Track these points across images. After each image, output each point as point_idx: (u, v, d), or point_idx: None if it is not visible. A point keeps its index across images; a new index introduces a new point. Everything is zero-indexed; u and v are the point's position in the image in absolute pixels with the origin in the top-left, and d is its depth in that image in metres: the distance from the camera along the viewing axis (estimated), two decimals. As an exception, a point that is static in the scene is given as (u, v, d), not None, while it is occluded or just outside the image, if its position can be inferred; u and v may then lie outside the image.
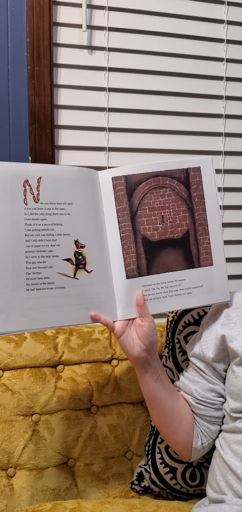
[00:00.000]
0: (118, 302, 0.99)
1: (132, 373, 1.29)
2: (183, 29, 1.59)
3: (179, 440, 1.06)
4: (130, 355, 0.99)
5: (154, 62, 1.57)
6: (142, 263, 1.01)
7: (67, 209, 0.96)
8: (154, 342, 1.00)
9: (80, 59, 1.51)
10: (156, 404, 1.04)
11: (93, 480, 1.26)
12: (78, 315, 0.96)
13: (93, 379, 1.27)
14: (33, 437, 1.22)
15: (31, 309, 0.92)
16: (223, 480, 0.98)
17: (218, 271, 1.05)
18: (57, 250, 0.94)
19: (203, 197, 1.05)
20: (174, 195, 1.04)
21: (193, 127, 1.64)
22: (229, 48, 1.64)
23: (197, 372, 1.07)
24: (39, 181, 0.94)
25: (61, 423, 1.24)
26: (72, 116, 1.52)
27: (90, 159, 1.55)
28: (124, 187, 1.01)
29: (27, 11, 1.42)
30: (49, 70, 1.45)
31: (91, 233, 0.98)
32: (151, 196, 1.02)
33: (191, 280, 1.04)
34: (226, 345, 1.02)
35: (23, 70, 1.45)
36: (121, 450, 1.29)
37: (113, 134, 1.56)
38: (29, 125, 1.46)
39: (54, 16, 1.46)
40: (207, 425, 1.05)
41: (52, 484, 1.22)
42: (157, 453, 1.23)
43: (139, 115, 1.58)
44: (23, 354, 1.24)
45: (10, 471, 1.21)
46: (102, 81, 1.54)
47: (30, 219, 0.93)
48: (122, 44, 1.54)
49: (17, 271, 0.91)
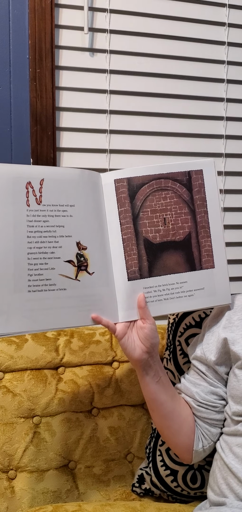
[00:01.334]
0: (119, 304, 0.99)
1: (133, 376, 1.29)
2: (184, 32, 1.59)
3: (180, 442, 1.06)
4: (131, 357, 0.99)
5: (155, 64, 1.58)
6: (143, 265, 1.01)
7: (70, 211, 0.96)
8: (155, 344, 1.00)
9: (82, 61, 1.51)
10: (157, 406, 1.04)
11: (94, 482, 1.26)
12: (79, 317, 0.96)
13: (94, 381, 1.27)
14: (34, 439, 1.22)
15: (33, 311, 0.92)
16: (224, 483, 0.97)
17: (219, 274, 1.05)
18: (59, 252, 0.95)
19: (205, 200, 1.05)
20: (176, 197, 1.04)
21: (194, 129, 1.64)
22: (230, 51, 1.64)
23: (199, 375, 1.07)
24: (41, 183, 0.94)
25: (62, 425, 1.24)
26: (73, 118, 1.52)
27: (92, 161, 1.55)
28: (126, 189, 1.01)
29: (29, 14, 1.42)
30: (51, 73, 1.45)
31: (93, 235, 0.98)
32: (153, 198, 1.02)
33: (193, 283, 1.04)
34: (228, 348, 1.02)
35: (25, 72, 1.45)
36: (121, 452, 1.28)
37: (115, 136, 1.56)
38: (31, 127, 1.46)
39: (56, 18, 1.47)
40: (208, 428, 1.05)
41: (53, 487, 1.22)
42: (157, 456, 1.23)
43: (140, 117, 1.58)
44: (24, 356, 1.24)
45: (11, 474, 1.21)
46: (104, 83, 1.54)
47: (32, 221, 0.93)
48: (124, 47, 1.54)
49: (19, 272, 0.91)
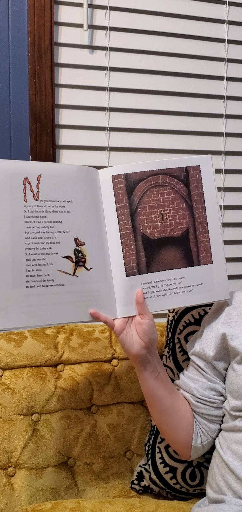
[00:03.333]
0: (118, 299, 0.99)
1: (132, 373, 1.29)
2: (184, 29, 1.59)
3: (178, 438, 1.06)
4: (130, 353, 0.99)
5: (155, 62, 1.58)
6: (141, 261, 1.01)
7: (67, 206, 0.96)
8: (154, 340, 1.00)
9: (81, 58, 1.51)
10: (155, 402, 1.04)
11: (93, 479, 1.25)
12: (77, 313, 0.96)
13: (94, 379, 1.27)
14: (33, 436, 1.22)
15: (31, 306, 0.92)
16: (222, 480, 0.97)
17: (217, 269, 1.05)
18: (57, 247, 0.95)
19: (203, 195, 1.05)
20: (174, 193, 1.04)
21: (194, 127, 1.64)
22: (230, 48, 1.64)
23: (197, 371, 1.07)
24: (39, 179, 0.94)
25: (61, 422, 1.24)
26: (73, 115, 1.53)
27: (91, 158, 1.55)
28: (124, 185, 1.01)
29: (29, 11, 1.42)
30: (50, 70, 1.45)
31: (91, 230, 0.98)
32: (151, 194, 1.02)
33: (191, 278, 1.03)
34: (227, 343, 1.02)
35: (24, 69, 1.45)
36: (120, 449, 1.28)
37: (114, 134, 1.57)
38: (30, 125, 1.46)
39: (56, 15, 1.47)
40: (207, 424, 1.05)
41: (52, 484, 1.22)
42: (157, 453, 1.23)
43: (140, 115, 1.58)
44: (24, 353, 1.23)
45: (10, 471, 1.21)
46: (103, 80, 1.54)
47: (30, 217, 0.93)
48: (123, 44, 1.54)
49: (17, 268, 0.91)
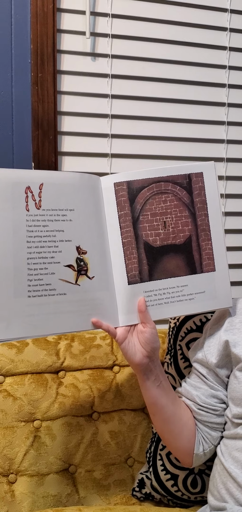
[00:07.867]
0: (120, 308, 0.99)
1: (134, 380, 1.28)
2: (186, 37, 1.59)
3: (180, 446, 1.06)
4: (132, 362, 0.99)
5: (157, 69, 1.58)
6: (143, 269, 1.01)
7: (69, 215, 0.96)
8: (156, 348, 0.99)
9: (83, 66, 1.52)
10: (157, 410, 1.04)
11: (94, 486, 1.25)
12: (80, 322, 0.96)
13: (95, 386, 1.27)
14: (34, 443, 1.22)
15: (33, 316, 0.92)
16: (224, 488, 0.97)
17: (220, 277, 1.05)
18: (59, 256, 0.94)
19: (206, 203, 1.05)
20: (176, 200, 1.04)
21: (196, 133, 1.64)
22: (231, 56, 1.64)
23: (199, 378, 1.06)
24: (41, 188, 0.94)
25: (63, 429, 1.24)
26: (75, 122, 1.53)
27: (93, 165, 1.55)
28: (126, 192, 1.01)
29: (31, 18, 1.42)
30: (52, 77, 1.46)
31: (93, 239, 0.98)
32: (153, 201, 1.02)
33: (193, 286, 1.03)
34: (229, 350, 1.02)
35: (27, 76, 1.45)
36: (122, 456, 1.28)
37: (116, 141, 1.57)
38: (33, 132, 1.46)
39: (58, 23, 1.47)
40: (209, 431, 1.05)
41: (53, 491, 1.22)
42: (158, 460, 1.22)
43: (142, 122, 1.58)
44: (25, 360, 1.24)
45: (11, 477, 1.20)
46: (106, 87, 1.54)
47: (32, 226, 0.93)
48: (125, 51, 1.54)
49: (19, 277, 0.91)
